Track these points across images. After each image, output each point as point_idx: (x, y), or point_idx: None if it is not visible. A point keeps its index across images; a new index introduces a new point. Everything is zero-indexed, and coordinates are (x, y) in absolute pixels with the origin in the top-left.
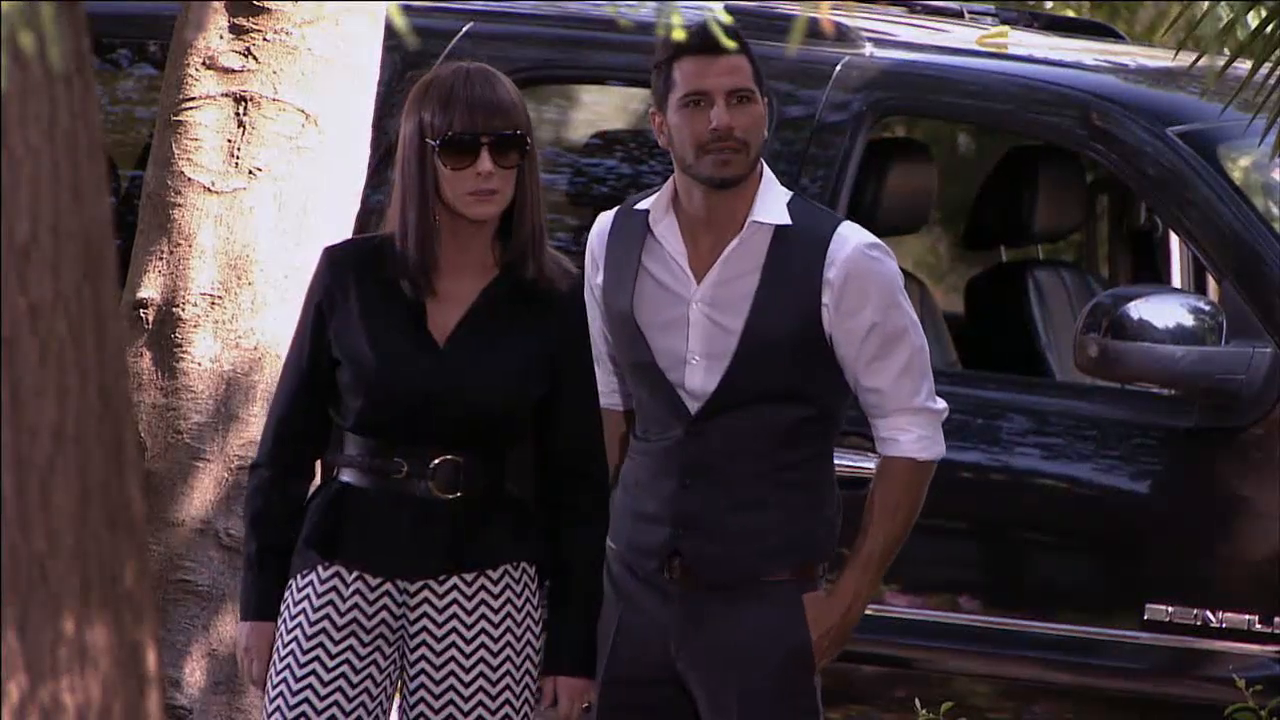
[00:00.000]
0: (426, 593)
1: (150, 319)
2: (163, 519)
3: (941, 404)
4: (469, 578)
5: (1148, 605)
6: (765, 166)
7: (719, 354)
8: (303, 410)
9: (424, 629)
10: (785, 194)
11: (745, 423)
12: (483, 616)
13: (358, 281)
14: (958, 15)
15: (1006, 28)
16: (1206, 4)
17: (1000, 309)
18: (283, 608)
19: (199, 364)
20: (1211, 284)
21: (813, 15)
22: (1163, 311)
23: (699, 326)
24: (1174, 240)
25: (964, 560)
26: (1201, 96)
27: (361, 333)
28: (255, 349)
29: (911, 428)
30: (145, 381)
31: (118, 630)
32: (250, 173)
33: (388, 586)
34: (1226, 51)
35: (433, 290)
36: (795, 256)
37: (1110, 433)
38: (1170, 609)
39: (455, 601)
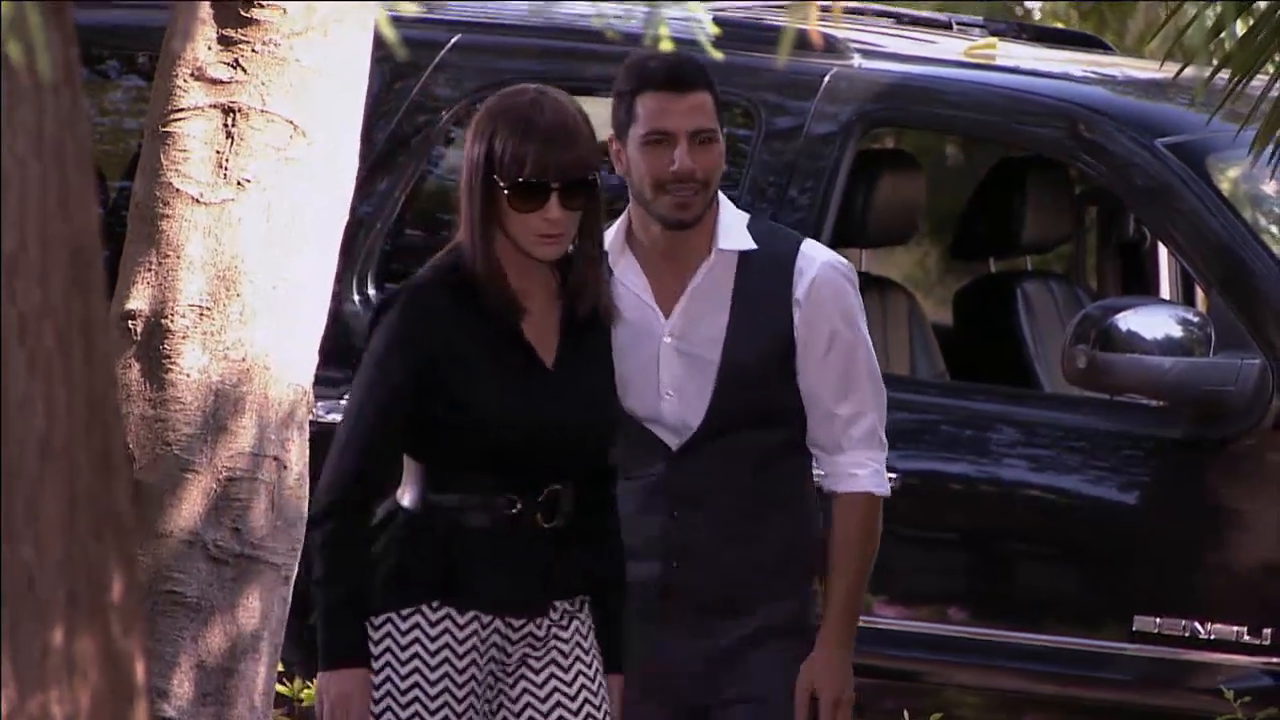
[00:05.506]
0: (530, 625)
1: (138, 330)
2: (151, 530)
3: (885, 441)
4: (556, 604)
5: (1136, 616)
6: (719, 193)
7: (696, 387)
8: (387, 456)
9: (524, 659)
10: (743, 216)
11: (728, 451)
12: (577, 644)
13: (459, 321)
14: (946, 27)
15: (995, 39)
16: (1194, 11)
17: (989, 320)
18: (381, 649)
19: (187, 375)
20: (1200, 295)
21: (801, 27)
22: (1151, 323)
23: (670, 361)
24: (1162, 251)
25: (953, 571)
26: (1189, 107)
27: (481, 372)
28: (244, 360)
29: (869, 462)
30: (133, 392)
31: (106, 641)
32: (239, 184)
33: (498, 623)
34: (1214, 61)
35: (525, 313)
36: (763, 280)
37: (1099, 444)
38: (1159, 620)
39: (553, 630)
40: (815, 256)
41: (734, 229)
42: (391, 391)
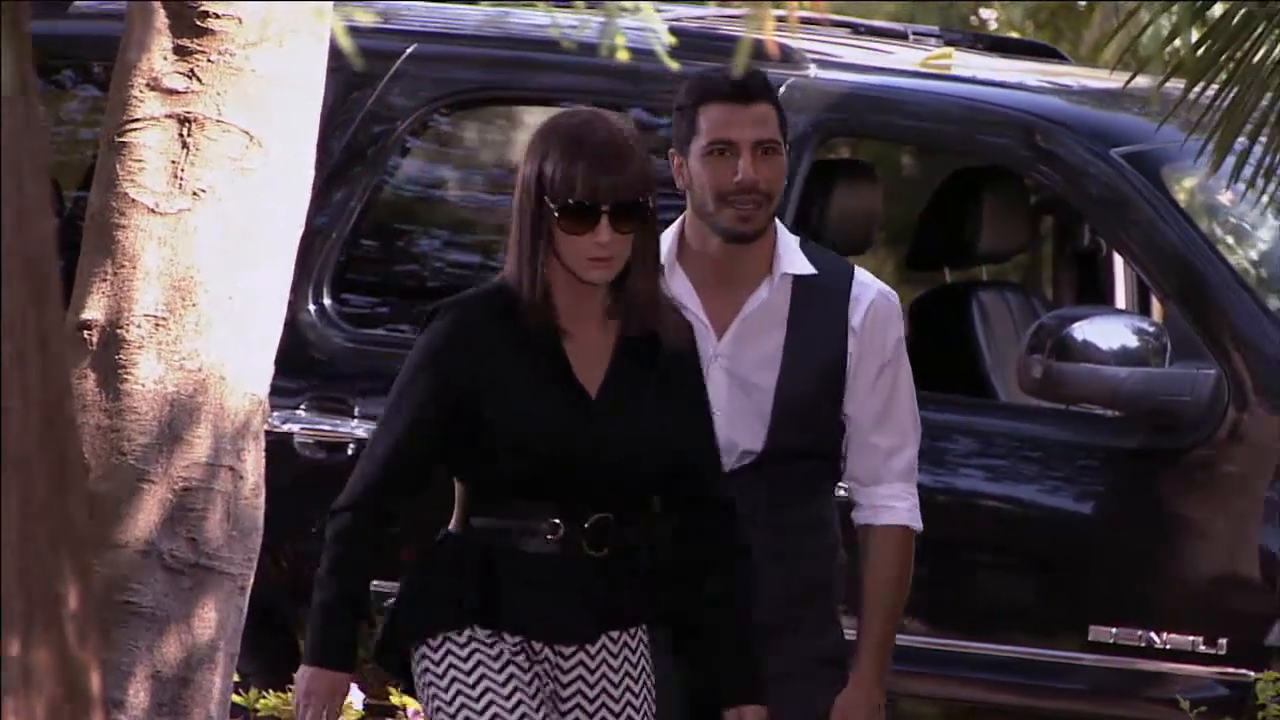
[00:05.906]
0: (581, 654)
1: (94, 340)
2: (107, 540)
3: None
4: (614, 635)
5: (1092, 626)
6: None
7: (741, 410)
8: (410, 466)
9: (578, 691)
10: (795, 239)
11: (769, 478)
12: (626, 675)
13: (498, 341)
14: (902, 37)
15: (950, 49)
16: (1148, 15)
17: (944, 330)
18: (438, 665)
19: (143, 385)
20: (1155, 305)
21: (757, 36)
22: (1107, 333)
23: (718, 381)
24: (1118, 261)
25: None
26: (1144, 116)
27: (517, 394)
28: (199, 370)
29: (907, 496)
30: (89, 403)
31: (62, 651)
32: (194, 194)
33: (546, 651)
34: (1168, 69)
35: (570, 337)
36: (820, 307)
37: (1054, 454)
38: (1115, 630)
39: (605, 661)
40: (870, 284)
41: (792, 252)
42: (418, 404)
